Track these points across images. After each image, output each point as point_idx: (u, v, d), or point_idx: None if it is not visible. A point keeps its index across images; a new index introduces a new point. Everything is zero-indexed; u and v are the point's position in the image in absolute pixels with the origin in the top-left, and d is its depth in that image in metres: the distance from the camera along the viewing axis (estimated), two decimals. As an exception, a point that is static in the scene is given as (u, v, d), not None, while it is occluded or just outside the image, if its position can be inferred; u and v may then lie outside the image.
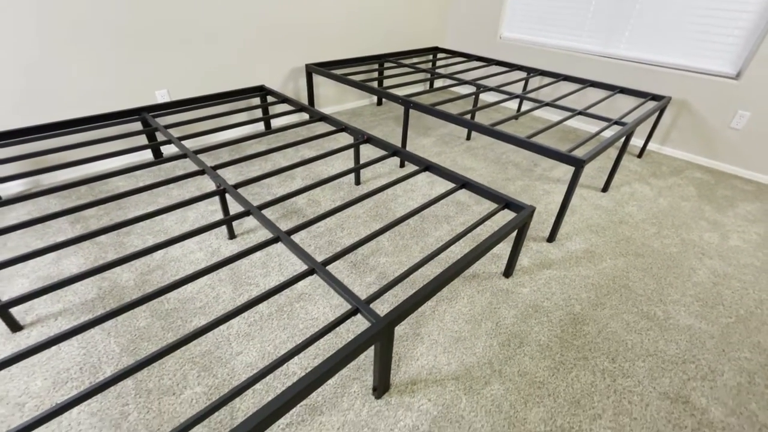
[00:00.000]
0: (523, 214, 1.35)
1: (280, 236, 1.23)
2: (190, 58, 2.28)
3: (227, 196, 1.95)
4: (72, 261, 1.54)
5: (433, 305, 1.43)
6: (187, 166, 2.27)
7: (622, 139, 2.59)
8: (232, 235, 1.70)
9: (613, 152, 2.75)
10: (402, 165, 2.36)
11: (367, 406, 1.09)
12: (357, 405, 1.09)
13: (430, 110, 2.04)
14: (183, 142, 2.45)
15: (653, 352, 1.29)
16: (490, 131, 1.81)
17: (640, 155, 2.70)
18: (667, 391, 1.17)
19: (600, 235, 1.86)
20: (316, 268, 1.11)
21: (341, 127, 2.01)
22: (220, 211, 1.87)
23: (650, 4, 2.57)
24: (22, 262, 1.49)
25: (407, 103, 2.16)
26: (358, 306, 0.99)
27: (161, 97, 2.26)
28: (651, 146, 2.85)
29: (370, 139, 1.88)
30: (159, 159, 1.64)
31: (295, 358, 1.21)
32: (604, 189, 2.25)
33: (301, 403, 1.09)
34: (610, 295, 1.51)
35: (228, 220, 1.32)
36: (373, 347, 1.25)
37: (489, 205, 2.04)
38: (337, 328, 1.31)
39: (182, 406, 1.07)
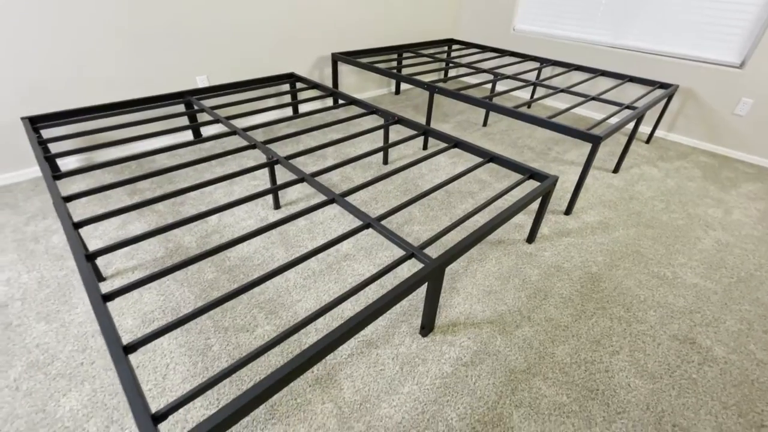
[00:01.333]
0: (548, 182, 1.51)
1: (335, 198, 1.39)
2: (228, 47, 2.43)
3: (277, 167, 2.11)
4: (136, 226, 1.71)
5: (465, 265, 1.59)
6: (227, 145, 2.43)
7: (632, 125, 2.74)
8: (277, 205, 1.86)
9: (622, 138, 2.90)
10: (425, 147, 2.52)
11: (416, 342, 1.25)
12: (407, 341, 1.25)
13: (455, 95, 2.19)
14: (221, 124, 2.60)
15: (663, 304, 1.45)
16: (513, 113, 1.96)
17: (648, 141, 2.85)
18: (676, 334, 1.33)
19: (612, 210, 2.01)
20: (371, 223, 1.27)
21: (372, 110, 2.16)
22: (262, 186, 2.03)
23: (660, -4, 2.71)
24: (93, 224, 1.67)
25: (432, 88, 2.31)
26: (413, 251, 1.15)
27: (201, 82, 2.42)
28: (658, 133, 3.00)
29: (401, 120, 2.04)
30: (200, 138, 1.78)
31: (348, 303, 1.37)
32: (615, 170, 2.40)
33: (359, 338, 1.25)
34: (624, 259, 1.67)
35: (281, 187, 1.47)
36: (423, 289, 1.42)
37: (510, 182, 2.19)
38: (382, 280, 1.47)
39: (256, 341, 1.23)
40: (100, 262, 1.50)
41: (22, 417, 1.00)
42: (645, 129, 3.05)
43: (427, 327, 1.26)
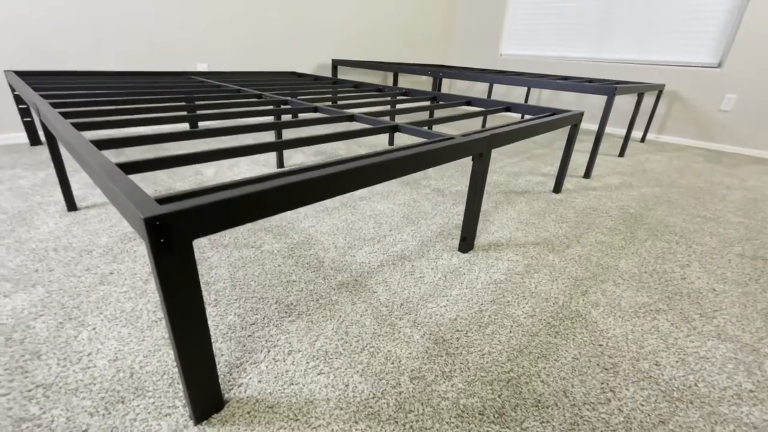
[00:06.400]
0: (575, 113, 1.44)
1: (354, 115, 1.26)
2: (231, 39, 2.45)
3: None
4: (120, 176, 1.50)
5: (494, 206, 1.43)
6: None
7: (626, 127, 2.79)
8: (281, 164, 1.71)
9: (616, 140, 2.96)
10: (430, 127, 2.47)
11: (456, 257, 1.05)
12: (445, 256, 1.05)
13: (461, 75, 2.21)
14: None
15: (716, 233, 1.32)
16: (524, 82, 1.96)
17: (642, 140, 2.91)
18: (742, 253, 1.18)
19: (630, 176, 1.95)
20: (399, 125, 1.13)
21: (378, 88, 2.13)
22: (265, 166, 1.89)
23: (632, 10, 2.96)
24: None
25: (436, 72, 2.34)
26: (454, 136, 1.01)
27: (201, 68, 2.38)
28: (649, 136, 3.08)
29: (408, 92, 2.00)
30: (195, 128, 1.68)
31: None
32: (621, 155, 2.39)
33: (389, 252, 1.05)
34: (658, 206, 1.56)
35: (297, 110, 1.35)
36: (456, 213, 1.24)
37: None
38: (413, 216, 1.29)
39: (263, 254, 1.01)
40: (76, 195, 1.28)
41: (-59, 316, 0.73)
42: (636, 134, 3.14)
43: (468, 239, 1.07)
